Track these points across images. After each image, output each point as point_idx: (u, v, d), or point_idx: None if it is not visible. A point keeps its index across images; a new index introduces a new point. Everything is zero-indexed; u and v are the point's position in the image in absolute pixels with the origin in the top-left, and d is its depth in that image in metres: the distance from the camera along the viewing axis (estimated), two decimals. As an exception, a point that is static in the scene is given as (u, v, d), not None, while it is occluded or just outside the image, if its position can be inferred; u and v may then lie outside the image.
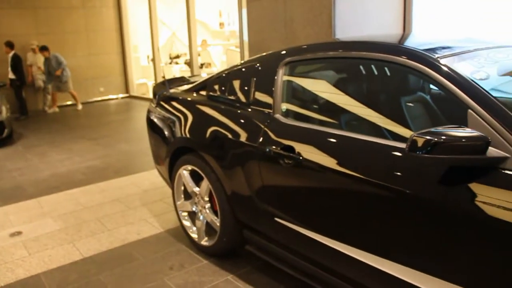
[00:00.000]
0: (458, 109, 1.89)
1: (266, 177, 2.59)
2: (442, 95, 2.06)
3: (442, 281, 1.85)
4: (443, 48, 2.26)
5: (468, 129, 1.72)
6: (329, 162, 2.24)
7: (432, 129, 1.70)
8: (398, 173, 1.95)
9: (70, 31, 11.56)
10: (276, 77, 2.70)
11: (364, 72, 2.53)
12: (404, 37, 2.91)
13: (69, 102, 11.48)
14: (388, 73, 2.43)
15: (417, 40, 2.76)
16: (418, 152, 1.68)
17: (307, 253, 2.52)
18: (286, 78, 2.70)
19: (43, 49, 10.33)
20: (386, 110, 2.37)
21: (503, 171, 1.69)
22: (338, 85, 2.60)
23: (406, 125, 2.21)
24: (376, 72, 2.48)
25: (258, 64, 2.91)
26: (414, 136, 1.70)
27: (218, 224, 3.10)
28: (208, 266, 3.21)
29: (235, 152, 2.80)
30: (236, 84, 3.02)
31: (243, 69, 3.04)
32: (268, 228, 2.73)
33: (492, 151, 1.70)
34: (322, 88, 2.69)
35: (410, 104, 2.39)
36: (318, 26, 4.76)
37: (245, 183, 2.75)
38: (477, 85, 1.88)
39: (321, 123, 2.52)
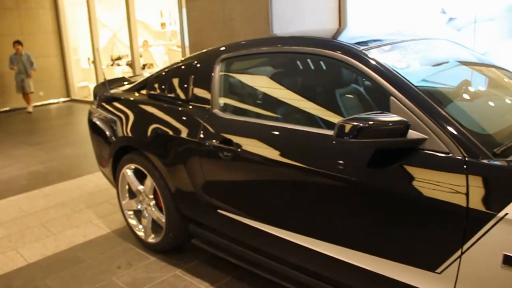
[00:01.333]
0: (383, 97, 2.03)
1: (207, 171, 2.66)
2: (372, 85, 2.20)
3: (378, 258, 1.99)
4: (370, 40, 2.40)
5: (390, 114, 1.86)
6: (266, 152, 2.34)
7: (357, 116, 1.83)
8: (331, 159, 2.08)
9: (4, 33, 11.14)
10: (213, 74, 2.78)
11: (295, 65, 2.65)
12: (337, 31, 3.06)
13: (10, 107, 11.10)
14: (318, 66, 2.56)
15: (348, 34, 2.91)
16: (345, 138, 1.81)
17: (250, 242, 2.61)
18: (222, 74, 2.78)
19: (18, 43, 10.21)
20: (317, 100, 2.50)
21: (422, 151, 1.84)
22: (272, 79, 2.71)
23: (340, 114, 2.33)
24: (306, 65, 2.61)
25: (195, 62, 2.98)
26: (341, 122, 1.82)
27: (163, 220, 3.14)
28: (156, 263, 3.25)
29: (176, 148, 2.85)
30: (175, 81, 3.07)
31: (182, 67, 3.09)
32: (212, 221, 2.81)
33: (412, 134, 1.84)
34: (257, 82, 2.79)
35: (344, 94, 2.52)
36: (256, 23, 4.87)
37: (187, 178, 2.81)
38: (398, 74, 2.03)
39: (257, 115, 2.63)
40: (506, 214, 1.59)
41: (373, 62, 2.10)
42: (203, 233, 2.94)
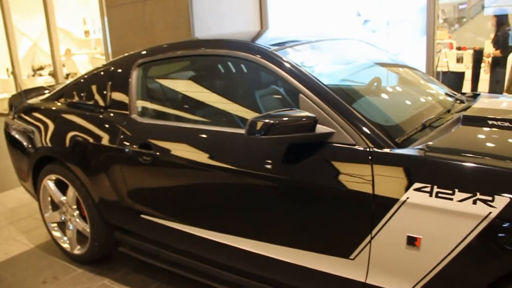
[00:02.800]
0: (295, 95, 2.12)
1: (128, 177, 2.65)
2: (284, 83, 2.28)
3: (297, 250, 2.06)
4: (283, 42, 2.50)
5: (299, 111, 1.95)
6: (185, 154, 2.36)
7: (267, 113, 1.90)
8: (246, 157, 2.14)
9: None
10: (130, 79, 2.77)
11: (210, 68, 2.72)
12: (255, 33, 3.13)
13: None
14: (231, 67, 2.63)
15: (265, 36, 3.00)
16: (256, 135, 1.87)
17: (177, 245, 2.62)
18: (140, 79, 2.78)
19: None
20: (233, 101, 2.57)
21: (331, 144, 1.94)
22: (190, 82, 2.76)
23: (256, 113, 2.40)
24: (220, 67, 2.68)
25: (112, 68, 2.95)
26: (252, 120, 1.89)
27: (88, 230, 3.08)
28: (83, 274, 3.17)
29: (96, 156, 2.81)
30: (93, 88, 3.03)
31: (99, 74, 3.05)
32: (136, 227, 2.79)
33: (321, 128, 1.94)
34: (174, 86, 2.82)
35: (260, 94, 2.60)
36: (178, 28, 4.88)
37: (110, 186, 2.77)
38: (306, 73, 2.13)
39: (175, 118, 2.65)
40: (407, 198, 1.71)
41: (283, 62, 2.18)
42: (129, 240, 2.92)
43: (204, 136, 2.36)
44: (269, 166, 2.07)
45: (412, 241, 1.74)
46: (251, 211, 2.19)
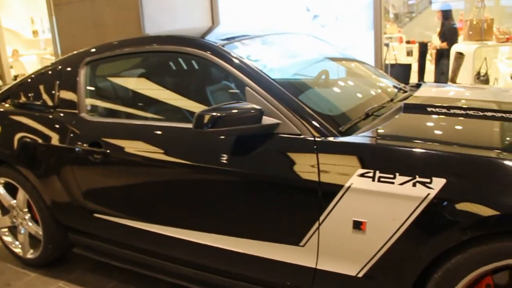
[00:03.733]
0: (242, 88, 2.16)
1: (79, 176, 2.62)
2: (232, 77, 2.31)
3: (251, 241, 2.10)
4: (232, 37, 2.53)
5: (245, 103, 1.99)
6: (135, 150, 2.36)
7: (214, 106, 1.94)
8: (195, 151, 2.18)
9: None
10: (78, 78, 2.74)
11: (158, 64, 2.74)
12: (205, 29, 3.16)
13: None
14: (179, 63, 2.66)
15: (215, 31, 3.03)
16: (204, 128, 1.90)
17: (131, 243, 2.61)
18: (88, 77, 2.75)
19: None
20: (182, 96, 2.59)
21: (278, 135, 1.99)
22: (138, 79, 2.75)
23: (208, 105, 2.42)
24: (169, 63, 2.70)
25: (60, 66, 2.91)
26: (199, 113, 1.91)
27: (41, 233, 3.03)
28: (37, 278, 3.11)
29: (46, 157, 2.77)
30: (41, 88, 2.98)
31: (46, 73, 3.00)
32: (90, 226, 2.77)
33: (267, 120, 1.99)
34: (123, 83, 2.82)
35: (209, 88, 2.63)
36: (128, 27, 4.84)
37: (61, 186, 2.74)
38: (251, 66, 2.17)
39: (124, 116, 2.65)
40: (352, 184, 1.78)
41: (229, 56, 2.22)
42: (84, 240, 2.88)
43: (155, 132, 2.37)
44: (219, 159, 2.10)
45: (358, 225, 1.81)
46: (204, 205, 2.22)
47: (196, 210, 2.26)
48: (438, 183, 1.67)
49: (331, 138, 1.90)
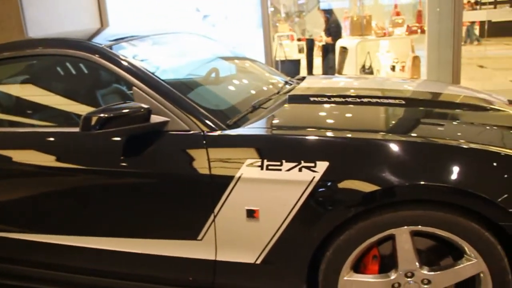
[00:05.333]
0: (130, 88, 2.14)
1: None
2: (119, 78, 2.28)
3: (150, 240, 2.10)
4: (118, 37, 2.50)
5: (132, 102, 1.99)
6: (23, 159, 2.25)
7: (101, 108, 1.91)
8: (82, 155, 2.14)
9: None
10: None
11: (44, 68, 2.62)
12: (93, 31, 3.07)
13: None
14: (66, 66, 2.57)
15: (103, 33, 2.96)
16: (91, 130, 1.87)
17: (22, 257, 2.48)
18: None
19: None
20: (70, 100, 2.51)
21: (168, 132, 2.01)
22: (23, 85, 2.62)
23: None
24: (54, 67, 2.60)
25: None
26: (86, 115, 1.88)
27: None
28: None
29: None
30: None
31: None
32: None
33: (156, 118, 2.00)
34: (5, 90, 2.66)
35: (98, 90, 2.57)
36: (8, 31, 4.58)
37: None
38: (137, 66, 2.16)
39: (8, 124, 2.51)
40: (242, 174, 1.85)
41: (114, 57, 2.19)
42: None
43: (45, 139, 2.25)
44: (111, 161, 2.07)
45: (251, 214, 1.88)
46: (101, 209, 2.17)
47: (93, 215, 2.20)
48: (322, 166, 1.79)
49: (219, 132, 1.96)
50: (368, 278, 1.91)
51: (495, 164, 1.80)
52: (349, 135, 1.90)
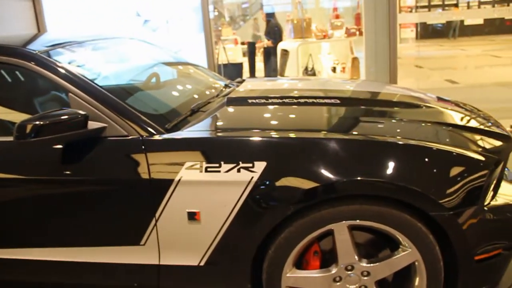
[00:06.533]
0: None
1: None
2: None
3: (94, 248, 2.06)
4: (54, 43, 2.44)
5: (69, 109, 1.96)
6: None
7: (36, 115, 1.87)
8: (22, 164, 2.07)
9: None
10: None
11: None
12: (29, 37, 2.98)
13: None
14: (1, 74, 2.50)
15: (40, 39, 2.87)
16: (27, 138, 1.82)
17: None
18: None
19: None
20: (9, 108, 2.44)
21: (107, 138, 1.99)
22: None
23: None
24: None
25: None
26: (20, 123, 1.83)
27: None
28: None
29: None
30: None
31: None
32: None
33: (93, 124, 1.97)
34: None
35: (36, 97, 2.50)
36: None
37: None
38: (74, 72, 2.12)
39: None
40: (181, 177, 1.86)
41: (48, 63, 2.14)
42: None
43: None
44: (50, 170, 2.03)
45: (192, 216, 1.89)
46: (39, 219, 2.11)
47: (34, 226, 2.14)
48: (260, 166, 1.83)
49: (157, 136, 1.96)
50: (310, 274, 1.97)
51: (426, 158, 1.90)
52: (286, 135, 1.95)
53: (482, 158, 1.95)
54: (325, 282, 1.95)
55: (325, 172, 1.82)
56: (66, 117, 1.89)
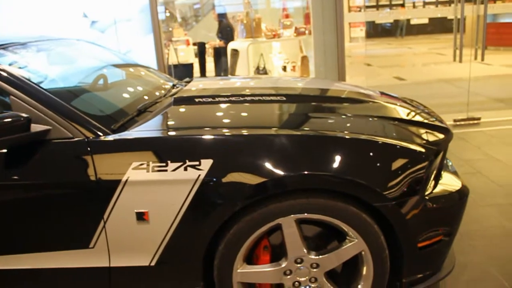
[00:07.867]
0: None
1: None
2: None
3: (38, 254, 2.02)
4: None
5: (10, 112, 1.91)
6: None
7: None
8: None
9: None
10: None
11: None
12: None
13: None
14: None
15: None
16: (-37, 144, 1.77)
17: None
18: None
19: None
20: None
21: (51, 141, 1.96)
22: None
23: None
24: None
25: None
26: None
27: None
28: None
29: None
30: None
31: None
32: None
33: (36, 127, 1.93)
34: None
35: None
36: None
37: None
38: (14, 73, 2.07)
39: None
40: (128, 177, 1.85)
41: None
42: None
43: None
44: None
45: (141, 216, 1.89)
46: None
47: None
48: (206, 164, 1.85)
49: (103, 137, 1.94)
50: (261, 268, 2.00)
51: (371, 152, 1.97)
52: (232, 132, 1.98)
53: (423, 150, 2.04)
54: (275, 276, 1.99)
55: (272, 167, 1.86)
56: (7, 120, 1.84)
